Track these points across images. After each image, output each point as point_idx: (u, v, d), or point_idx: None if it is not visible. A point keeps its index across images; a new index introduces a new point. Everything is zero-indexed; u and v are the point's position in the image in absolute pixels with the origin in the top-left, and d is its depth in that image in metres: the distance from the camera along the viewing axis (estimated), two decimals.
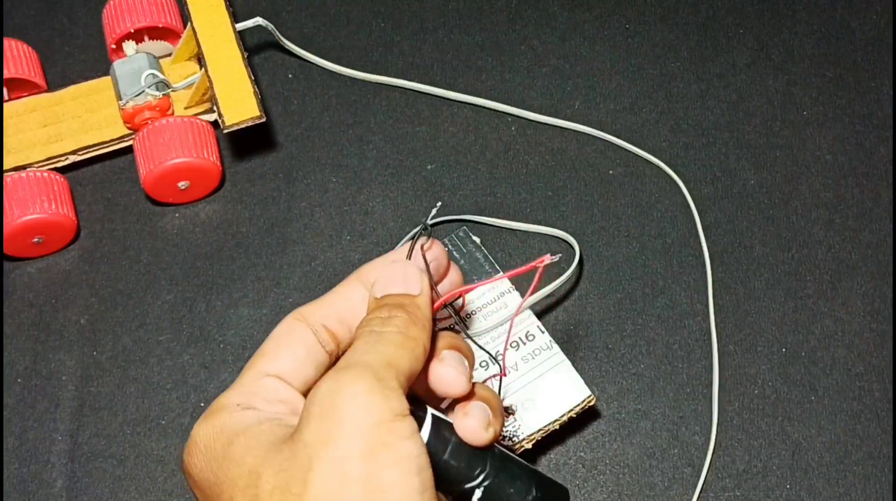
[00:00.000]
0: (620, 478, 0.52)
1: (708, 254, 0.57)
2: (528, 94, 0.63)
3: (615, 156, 0.61)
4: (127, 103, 0.58)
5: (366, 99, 0.63)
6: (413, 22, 0.65)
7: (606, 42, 0.65)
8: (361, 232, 0.58)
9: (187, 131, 0.57)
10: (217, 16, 0.59)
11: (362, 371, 0.35)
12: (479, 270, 0.54)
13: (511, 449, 0.49)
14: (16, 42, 0.61)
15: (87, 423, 0.54)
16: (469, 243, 0.55)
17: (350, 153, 0.61)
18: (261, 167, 0.61)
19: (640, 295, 0.56)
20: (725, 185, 0.60)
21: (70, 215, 0.57)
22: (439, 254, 0.41)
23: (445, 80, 0.63)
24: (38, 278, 0.57)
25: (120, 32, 0.60)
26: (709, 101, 0.62)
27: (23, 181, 0.56)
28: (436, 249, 0.41)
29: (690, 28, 0.65)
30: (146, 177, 0.57)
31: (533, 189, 0.60)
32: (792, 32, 0.65)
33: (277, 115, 0.62)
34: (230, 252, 0.58)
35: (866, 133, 0.61)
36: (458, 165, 0.60)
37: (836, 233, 0.58)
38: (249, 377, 0.39)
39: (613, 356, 0.55)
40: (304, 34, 0.65)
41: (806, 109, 0.62)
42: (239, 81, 0.57)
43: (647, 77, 0.63)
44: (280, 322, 0.40)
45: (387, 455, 0.34)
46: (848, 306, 0.56)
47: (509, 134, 0.61)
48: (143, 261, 0.58)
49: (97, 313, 0.56)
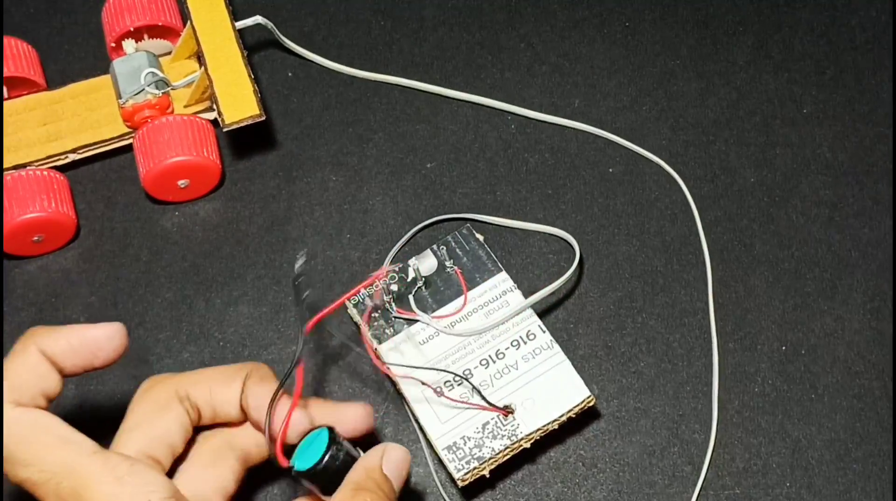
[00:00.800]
0: (620, 476, 0.52)
1: (708, 252, 0.57)
2: (527, 92, 0.63)
3: (615, 154, 0.61)
4: (126, 102, 0.58)
5: (366, 97, 0.63)
6: (413, 20, 0.65)
7: (606, 40, 0.65)
8: (361, 230, 0.58)
9: (187, 130, 0.57)
10: (217, 14, 0.59)
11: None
12: (481, 268, 0.54)
13: (510, 449, 0.49)
14: (15, 40, 0.61)
15: (86, 422, 0.54)
16: (472, 241, 0.55)
17: (350, 151, 0.61)
18: (261, 166, 0.61)
19: (639, 293, 0.56)
20: (725, 183, 0.60)
21: (70, 214, 0.57)
22: None
23: (445, 78, 0.63)
24: (37, 276, 0.57)
25: (119, 31, 0.60)
26: (709, 99, 0.62)
27: (22, 180, 0.56)
28: None
29: (690, 26, 0.65)
30: (146, 175, 0.57)
31: (532, 187, 0.60)
32: (792, 30, 0.65)
33: (277, 113, 0.62)
34: (230, 250, 0.58)
35: (866, 131, 0.61)
36: (458, 164, 0.60)
37: (836, 231, 0.58)
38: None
39: (613, 354, 0.55)
40: (304, 32, 0.65)
41: (806, 107, 0.62)
42: (239, 80, 0.57)
43: (647, 75, 0.63)
44: (152, 385, 0.42)
45: None
46: (848, 304, 0.56)
47: (509, 132, 0.61)
48: (143, 259, 0.58)
49: (97, 311, 0.56)
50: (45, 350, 0.40)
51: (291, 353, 0.55)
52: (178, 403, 0.42)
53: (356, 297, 0.53)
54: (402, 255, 0.57)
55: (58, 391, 0.41)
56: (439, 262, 0.54)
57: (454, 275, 0.54)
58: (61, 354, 0.40)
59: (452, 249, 0.54)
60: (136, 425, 0.41)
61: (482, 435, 0.49)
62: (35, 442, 0.39)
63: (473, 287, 0.53)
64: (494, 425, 0.49)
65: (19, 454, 0.39)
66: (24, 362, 0.40)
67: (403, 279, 0.54)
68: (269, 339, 0.56)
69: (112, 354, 0.41)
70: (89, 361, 0.41)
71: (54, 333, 0.40)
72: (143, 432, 0.41)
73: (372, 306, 0.52)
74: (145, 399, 0.42)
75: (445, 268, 0.54)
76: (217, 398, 0.43)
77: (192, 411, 0.42)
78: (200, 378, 0.43)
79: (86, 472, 0.38)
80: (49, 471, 0.38)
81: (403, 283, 0.53)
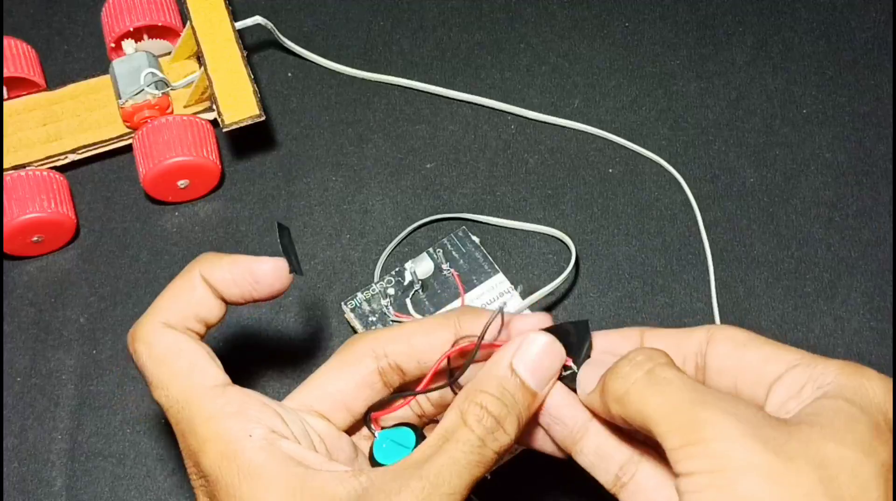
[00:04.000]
0: None
1: (710, 252, 0.57)
2: (527, 92, 0.63)
3: (615, 154, 0.61)
4: (126, 102, 0.58)
5: (365, 97, 0.63)
6: (412, 20, 0.65)
7: (606, 40, 0.64)
8: (361, 231, 0.58)
9: (187, 130, 0.57)
10: (216, 14, 0.59)
11: (426, 487, 0.35)
12: (478, 270, 0.54)
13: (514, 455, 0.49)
14: (15, 41, 0.61)
15: (86, 422, 0.54)
16: (468, 243, 0.55)
17: (349, 152, 0.61)
18: (260, 166, 0.61)
19: (640, 293, 0.56)
20: (725, 183, 0.60)
21: (69, 214, 0.57)
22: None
23: (445, 78, 0.63)
24: (37, 276, 0.57)
25: (119, 31, 0.60)
26: (708, 99, 0.62)
27: (22, 180, 0.56)
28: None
29: (690, 26, 0.65)
30: (145, 176, 0.57)
31: (533, 187, 0.60)
32: (792, 30, 0.65)
33: (277, 113, 0.62)
34: (230, 251, 0.57)
35: (866, 131, 0.61)
36: (458, 164, 0.60)
37: (836, 231, 0.58)
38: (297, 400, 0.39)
39: None
40: (304, 33, 0.65)
41: (806, 108, 0.62)
42: (238, 80, 0.57)
43: (647, 75, 0.63)
44: (347, 343, 0.40)
45: None
46: (848, 305, 0.56)
47: (509, 132, 0.61)
48: (143, 259, 0.58)
49: (97, 311, 0.56)
50: (207, 277, 0.40)
51: (291, 353, 0.55)
52: (370, 360, 0.40)
53: (353, 302, 0.53)
54: (401, 256, 0.57)
55: (217, 317, 0.41)
56: (436, 265, 0.54)
57: (451, 278, 0.54)
58: (222, 281, 0.40)
59: (448, 251, 0.54)
60: (311, 380, 0.41)
61: None
62: (168, 366, 0.39)
63: (470, 289, 0.53)
64: None
65: (155, 375, 0.39)
66: (183, 285, 0.40)
67: (400, 283, 0.54)
68: (269, 339, 0.56)
69: (269, 289, 0.41)
70: (249, 292, 0.41)
71: (219, 261, 0.41)
72: (313, 386, 0.40)
73: None
74: (336, 357, 0.41)
75: (442, 271, 0.54)
76: (418, 350, 0.40)
77: (392, 369, 0.40)
78: (401, 333, 0.40)
79: (198, 405, 0.38)
80: (173, 397, 0.38)
81: (400, 286, 0.53)
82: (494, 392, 0.37)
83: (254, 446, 0.37)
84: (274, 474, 0.36)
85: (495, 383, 0.37)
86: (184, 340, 0.40)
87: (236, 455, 0.36)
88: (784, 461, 0.32)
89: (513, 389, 0.37)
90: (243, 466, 0.36)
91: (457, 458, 0.36)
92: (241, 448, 0.36)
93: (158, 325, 0.40)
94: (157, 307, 0.40)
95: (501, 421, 0.37)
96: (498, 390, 0.37)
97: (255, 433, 0.37)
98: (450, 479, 0.35)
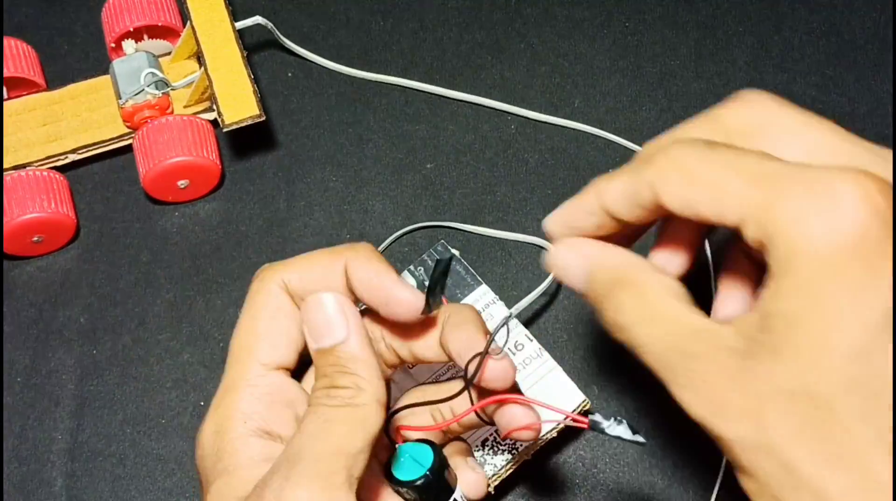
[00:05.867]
0: (620, 476, 0.52)
1: (710, 252, 0.57)
2: (527, 92, 0.63)
3: (615, 154, 0.61)
4: (126, 102, 0.58)
5: (365, 98, 0.63)
6: (412, 20, 0.65)
7: (606, 40, 0.64)
8: (361, 231, 0.58)
9: (187, 130, 0.57)
10: (216, 14, 0.59)
11: (307, 474, 0.34)
12: (461, 283, 0.53)
13: (513, 463, 0.49)
14: (15, 41, 0.61)
15: (86, 422, 0.54)
16: None
17: (349, 152, 0.61)
18: (260, 166, 0.61)
19: None
20: None
21: (69, 214, 0.57)
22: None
23: (445, 78, 0.63)
24: (37, 276, 0.57)
25: (119, 31, 0.60)
26: (709, 99, 0.62)
27: (22, 180, 0.56)
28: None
29: (690, 26, 0.65)
30: (146, 176, 0.57)
31: (533, 188, 0.60)
32: (792, 31, 0.65)
33: (277, 113, 0.62)
34: (230, 251, 0.58)
35: (866, 132, 0.60)
36: (458, 164, 0.60)
37: None
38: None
39: (613, 355, 0.55)
40: (304, 33, 0.65)
41: (805, 108, 0.62)
42: (238, 80, 0.57)
43: (647, 75, 0.63)
44: (260, 286, 0.39)
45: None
46: None
47: (509, 132, 0.61)
48: (143, 260, 0.58)
49: (97, 311, 0.56)
50: (349, 267, 0.39)
51: None
52: (279, 291, 0.39)
53: None
54: (400, 256, 0.57)
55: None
56: (418, 282, 0.53)
57: None
58: (359, 280, 0.39)
59: (430, 267, 0.53)
60: (265, 334, 0.39)
61: (483, 453, 0.48)
62: (248, 323, 0.39)
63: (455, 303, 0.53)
64: (494, 441, 0.49)
65: (242, 318, 0.40)
66: (327, 259, 0.39)
67: None
68: None
69: (394, 315, 0.39)
70: (374, 304, 0.39)
71: (369, 261, 0.39)
72: (271, 342, 0.39)
73: None
74: (252, 302, 0.40)
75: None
76: (311, 280, 0.39)
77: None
78: (297, 265, 0.40)
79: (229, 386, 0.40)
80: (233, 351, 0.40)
81: None
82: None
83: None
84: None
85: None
86: (285, 309, 0.39)
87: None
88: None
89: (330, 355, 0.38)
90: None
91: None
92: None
93: (280, 283, 0.39)
94: (294, 265, 0.39)
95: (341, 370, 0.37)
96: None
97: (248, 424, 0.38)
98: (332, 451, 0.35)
